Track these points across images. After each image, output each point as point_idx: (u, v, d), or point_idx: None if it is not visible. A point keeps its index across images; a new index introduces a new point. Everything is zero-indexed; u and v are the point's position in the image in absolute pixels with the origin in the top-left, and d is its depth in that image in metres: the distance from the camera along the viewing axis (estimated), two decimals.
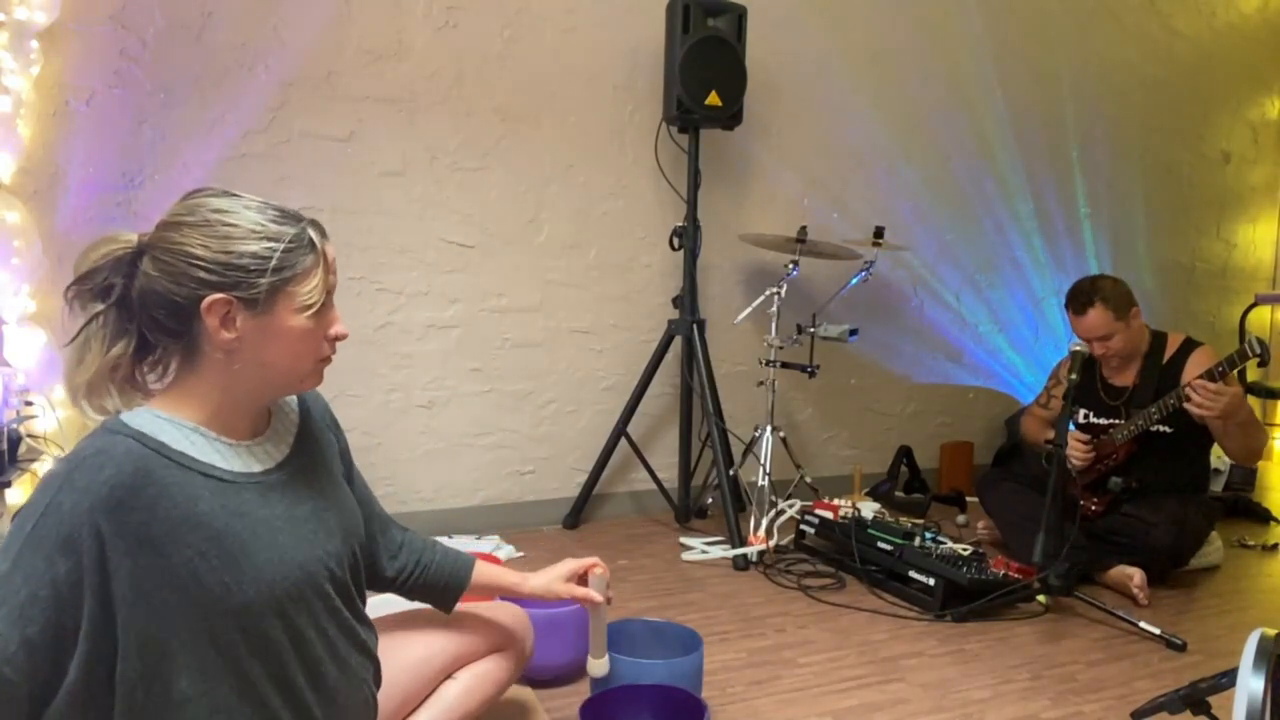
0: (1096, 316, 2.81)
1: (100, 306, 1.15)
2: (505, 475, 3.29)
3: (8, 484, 2.23)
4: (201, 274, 1.10)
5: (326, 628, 1.25)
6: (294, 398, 1.35)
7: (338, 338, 1.22)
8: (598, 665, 1.72)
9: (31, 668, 1.03)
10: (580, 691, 2.01)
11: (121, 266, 1.14)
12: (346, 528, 1.33)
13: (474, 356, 3.19)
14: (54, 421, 2.47)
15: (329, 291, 1.19)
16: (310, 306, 1.16)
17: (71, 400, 1.15)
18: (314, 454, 1.33)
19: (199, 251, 1.10)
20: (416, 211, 3.04)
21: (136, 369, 1.19)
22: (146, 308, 1.14)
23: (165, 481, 1.10)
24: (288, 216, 1.16)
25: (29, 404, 2.42)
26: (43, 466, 2.45)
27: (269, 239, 1.13)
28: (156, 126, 2.70)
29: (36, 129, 2.56)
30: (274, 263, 1.12)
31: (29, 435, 2.40)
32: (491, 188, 3.16)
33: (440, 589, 1.56)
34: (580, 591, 1.63)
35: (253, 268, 1.11)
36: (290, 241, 1.14)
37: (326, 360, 1.23)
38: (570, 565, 1.65)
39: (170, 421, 1.15)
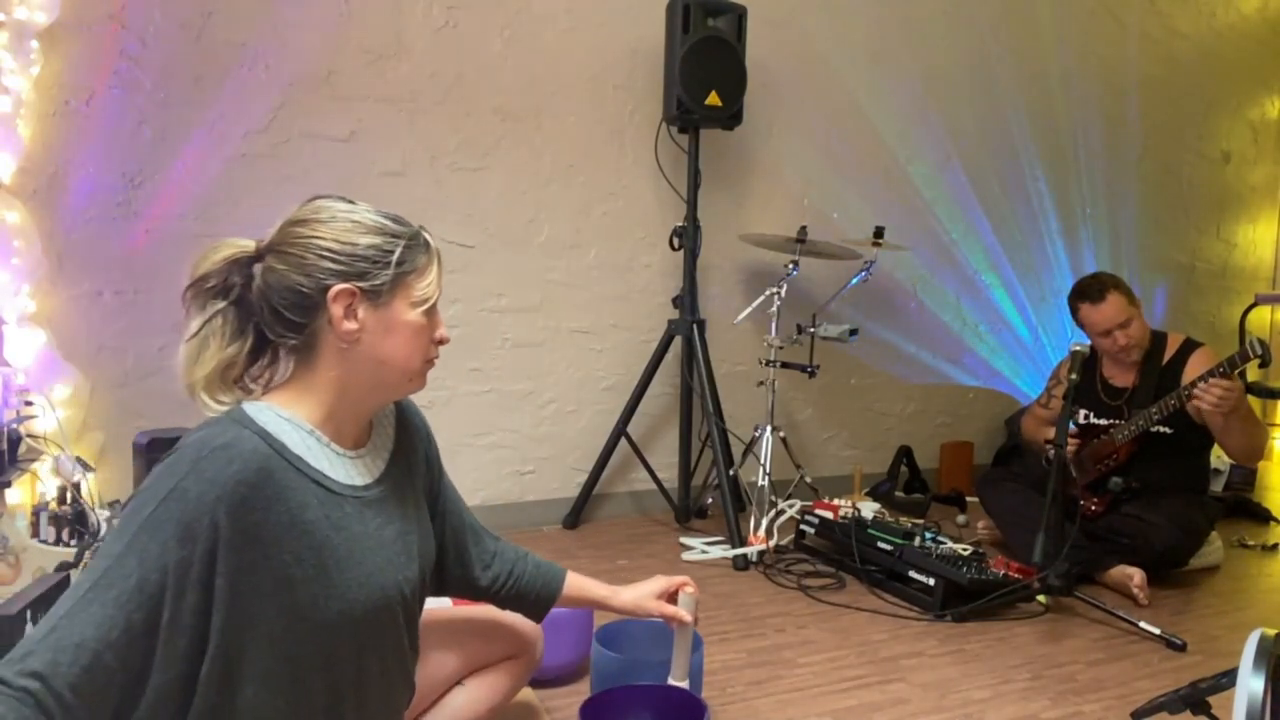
0: (1115, 301, 2.83)
1: (220, 305, 1.18)
2: (505, 475, 3.28)
3: (8, 484, 2.23)
4: (329, 264, 1.15)
5: (386, 654, 1.26)
6: (392, 410, 1.37)
7: (443, 341, 1.27)
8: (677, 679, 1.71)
9: (129, 656, 1.01)
10: (580, 691, 2.01)
11: (240, 267, 1.18)
12: (424, 553, 1.34)
13: (474, 356, 3.19)
14: (54, 421, 2.47)
15: (439, 286, 1.24)
16: (426, 300, 1.22)
17: (189, 394, 1.17)
18: (405, 472, 1.34)
19: (328, 244, 1.16)
20: (416, 211, 3.01)
21: (246, 371, 1.21)
22: (269, 302, 1.16)
23: (283, 484, 1.11)
24: (402, 221, 1.23)
25: (29, 404, 2.42)
26: (43, 466, 2.45)
27: (391, 235, 1.20)
28: (156, 126, 2.70)
29: (36, 129, 2.56)
30: (396, 256, 1.18)
31: (29, 435, 2.40)
32: (491, 188, 3.16)
33: (532, 600, 1.58)
34: (670, 610, 1.64)
35: (377, 259, 1.17)
36: (410, 239, 1.21)
37: (432, 362, 1.27)
38: (661, 583, 1.66)
39: (290, 421, 1.16)
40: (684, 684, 1.69)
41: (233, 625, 1.07)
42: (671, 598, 1.67)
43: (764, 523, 3.06)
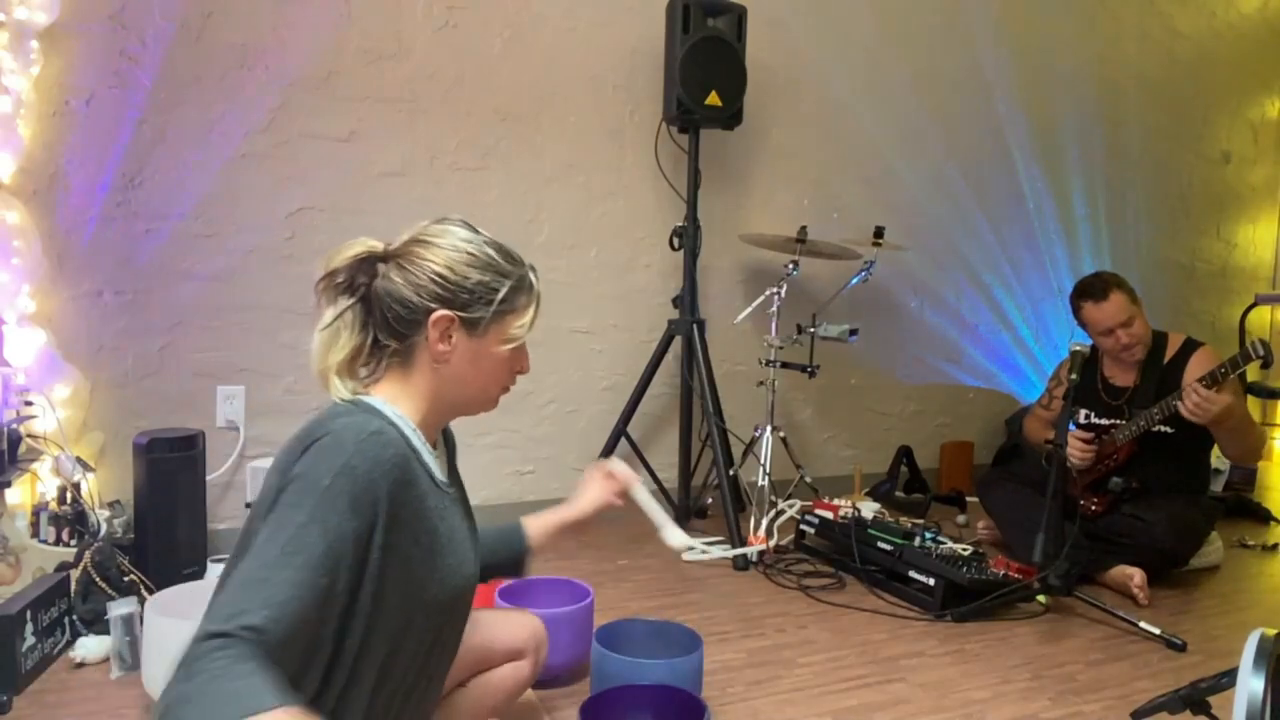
0: (1118, 300, 2.84)
1: (349, 300, 1.25)
2: (505, 475, 3.29)
3: (8, 484, 2.23)
4: (438, 289, 1.23)
5: (449, 644, 1.35)
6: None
7: (522, 372, 1.36)
8: (675, 535, 1.69)
9: (319, 617, 1.06)
10: (580, 691, 2.01)
11: (367, 267, 1.25)
12: (478, 553, 1.42)
13: None
14: (54, 421, 2.47)
15: (533, 325, 1.32)
16: (515, 339, 1.30)
17: (323, 382, 1.26)
18: (460, 480, 1.44)
19: (441, 270, 1.23)
20: (416, 211, 3.02)
21: (363, 363, 1.29)
22: (381, 306, 1.24)
23: (415, 472, 1.21)
24: (515, 259, 1.31)
25: (29, 404, 2.42)
26: (43, 466, 2.46)
27: (501, 274, 1.27)
28: (156, 126, 2.70)
29: (36, 129, 2.56)
30: (500, 295, 1.27)
31: (29, 435, 2.40)
32: (491, 188, 3.17)
33: (505, 558, 1.65)
34: (617, 485, 1.73)
35: (482, 295, 1.25)
36: (516, 281, 1.29)
37: (507, 390, 1.36)
38: (599, 474, 1.75)
39: (401, 418, 1.24)
40: (679, 532, 1.68)
41: (372, 597, 1.13)
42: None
43: (764, 523, 3.06)
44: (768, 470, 3.10)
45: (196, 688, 0.91)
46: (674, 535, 1.68)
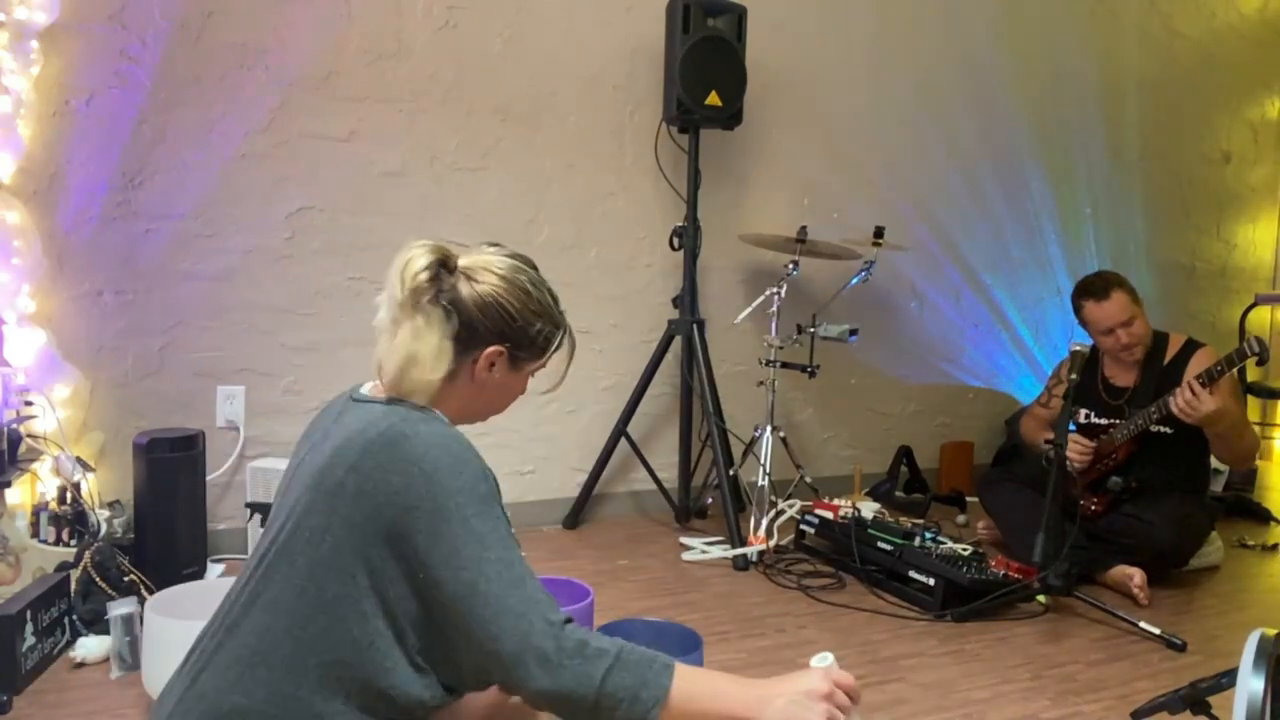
0: (1120, 299, 2.84)
1: (438, 309, 1.27)
2: (505, 475, 3.28)
3: (8, 484, 2.23)
4: (503, 325, 1.29)
5: None
6: None
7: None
8: None
9: None
10: None
11: (443, 276, 1.26)
12: None
13: None
14: (54, 421, 2.47)
15: None
16: (532, 377, 1.39)
17: (422, 396, 1.29)
18: None
19: (510, 310, 1.29)
20: (416, 211, 3.04)
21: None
22: (468, 318, 1.27)
23: None
24: (559, 304, 1.38)
25: (29, 404, 2.42)
26: (43, 466, 2.46)
27: (556, 325, 1.35)
28: (156, 126, 2.70)
29: (36, 129, 2.56)
30: (553, 346, 1.36)
31: (29, 435, 2.40)
32: (491, 188, 3.16)
33: None
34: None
35: (536, 342, 1.33)
36: (564, 332, 1.37)
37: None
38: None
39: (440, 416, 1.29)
40: None
41: None
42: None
43: (764, 523, 3.06)
44: (768, 470, 3.10)
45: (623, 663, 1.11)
46: None
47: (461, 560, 1.12)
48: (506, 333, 1.29)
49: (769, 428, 3.18)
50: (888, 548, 2.75)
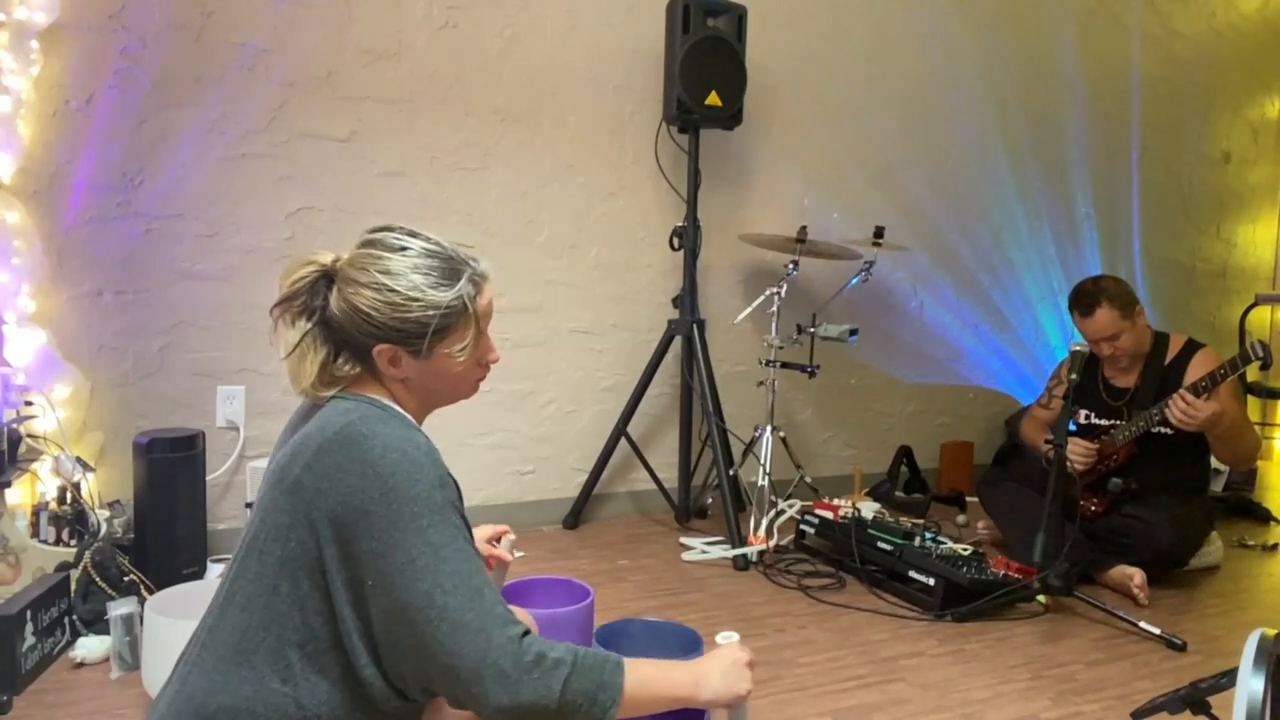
0: (1104, 316, 2.82)
1: (308, 325, 1.27)
2: (505, 475, 3.28)
3: (8, 484, 2.23)
4: (371, 328, 1.23)
5: None
6: None
7: (492, 361, 1.36)
8: None
9: None
10: None
11: (319, 289, 1.26)
12: None
13: None
14: (54, 421, 2.47)
15: (484, 327, 1.32)
16: (463, 354, 1.29)
17: (306, 398, 1.30)
18: None
19: (370, 312, 1.23)
20: (416, 211, 3.04)
21: (327, 369, 1.30)
22: (339, 327, 1.26)
23: None
24: (448, 276, 1.26)
25: (29, 404, 2.42)
26: (43, 466, 2.46)
27: (430, 307, 1.24)
28: (156, 126, 2.70)
29: (36, 129, 2.56)
30: (432, 327, 1.25)
31: (29, 435, 2.40)
32: (491, 188, 3.17)
33: None
34: (492, 551, 1.75)
35: (414, 332, 1.24)
36: (446, 308, 1.25)
37: (483, 378, 1.38)
38: (488, 531, 1.77)
39: (401, 414, 1.27)
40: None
41: None
42: (498, 541, 1.78)
43: (764, 523, 3.06)
44: (768, 470, 3.10)
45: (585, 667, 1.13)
46: None
47: (417, 571, 1.10)
48: (378, 332, 1.24)
49: (769, 428, 3.18)
50: (888, 548, 2.75)
